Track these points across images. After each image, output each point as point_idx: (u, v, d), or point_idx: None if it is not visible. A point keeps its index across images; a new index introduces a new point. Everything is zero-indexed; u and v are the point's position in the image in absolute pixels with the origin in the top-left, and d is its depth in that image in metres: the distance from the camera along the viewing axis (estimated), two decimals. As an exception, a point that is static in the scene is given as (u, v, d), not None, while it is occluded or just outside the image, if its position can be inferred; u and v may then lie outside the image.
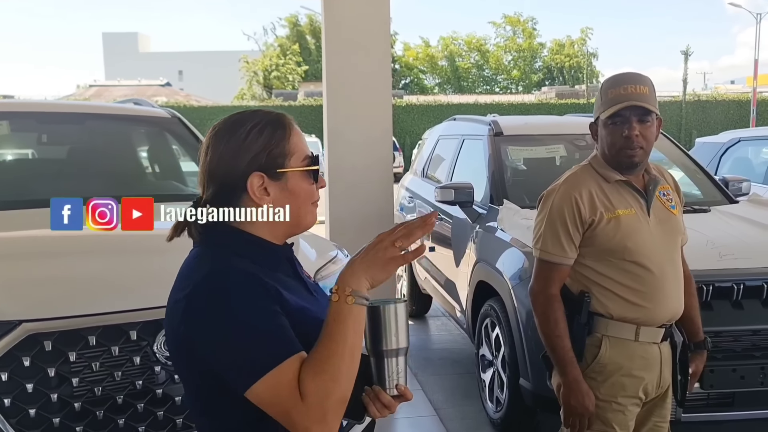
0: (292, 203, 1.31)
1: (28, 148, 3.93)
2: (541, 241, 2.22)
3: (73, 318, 2.18)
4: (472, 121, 5.46)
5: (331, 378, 1.15)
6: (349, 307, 1.18)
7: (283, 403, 1.15)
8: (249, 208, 1.30)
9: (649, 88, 2.13)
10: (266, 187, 1.29)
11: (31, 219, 2.93)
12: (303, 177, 1.32)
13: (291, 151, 1.31)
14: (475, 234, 4.28)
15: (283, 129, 1.32)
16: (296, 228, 1.34)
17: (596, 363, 2.18)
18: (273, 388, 1.15)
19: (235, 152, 1.29)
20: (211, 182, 1.31)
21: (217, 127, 1.34)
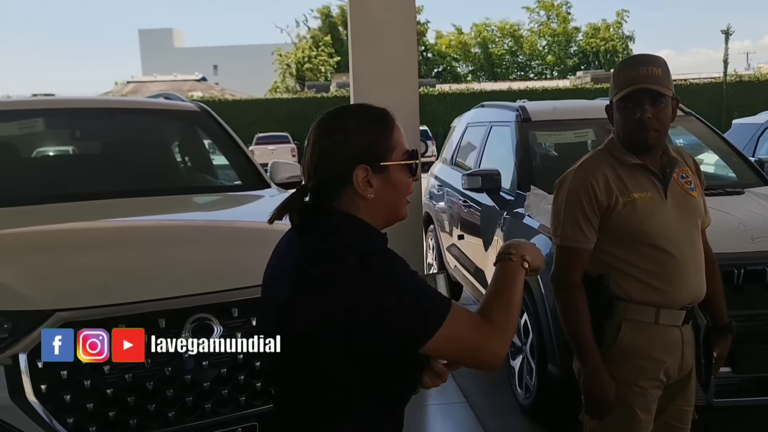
0: (392, 195, 1.39)
1: (62, 144, 4.04)
2: (561, 227, 2.21)
3: (104, 307, 2.24)
4: (499, 107, 5.43)
5: (514, 317, 1.35)
6: (522, 270, 1.42)
7: (471, 334, 1.30)
8: (351, 197, 1.37)
9: (662, 69, 2.10)
10: (369, 179, 1.36)
11: (65, 212, 3.02)
12: (403, 170, 1.40)
13: (393, 146, 1.38)
14: (502, 221, 4.28)
15: (386, 124, 1.40)
16: (392, 219, 1.43)
17: (615, 346, 2.17)
18: (453, 331, 1.27)
19: (342, 145, 1.36)
20: (317, 173, 1.38)
21: (324, 121, 1.41)
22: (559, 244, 2.23)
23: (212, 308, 2.37)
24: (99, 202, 3.16)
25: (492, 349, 1.31)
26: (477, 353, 1.31)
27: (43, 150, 3.91)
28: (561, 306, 2.22)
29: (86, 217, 3.04)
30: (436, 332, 1.27)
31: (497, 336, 1.32)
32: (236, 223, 3.25)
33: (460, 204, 5.28)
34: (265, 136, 26.35)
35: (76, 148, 4.07)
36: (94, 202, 3.16)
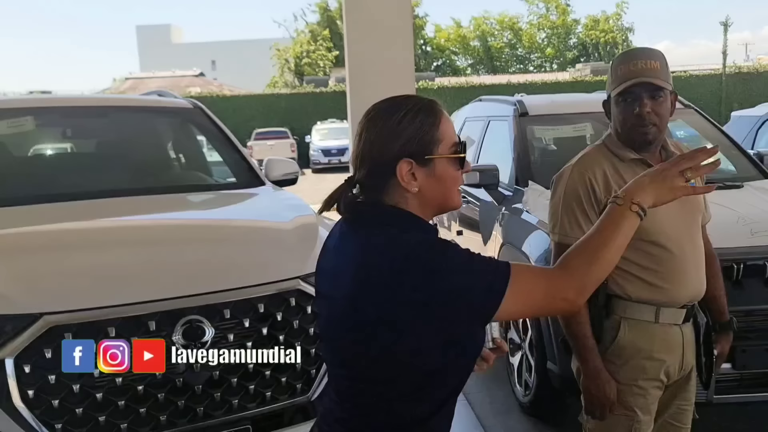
0: (439, 188, 1.36)
1: (53, 143, 4.00)
2: (559, 224, 2.16)
3: (93, 310, 2.20)
4: (497, 101, 5.39)
5: (597, 261, 1.31)
6: (630, 214, 1.37)
7: (539, 287, 1.28)
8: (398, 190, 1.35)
9: (661, 62, 2.06)
10: (414, 172, 1.34)
11: (54, 212, 2.98)
12: (450, 163, 1.36)
13: (440, 138, 1.36)
14: (501, 216, 4.24)
15: (434, 116, 1.37)
16: (442, 210, 1.41)
17: (615, 346, 2.13)
18: (522, 286, 1.26)
19: (387, 137, 1.34)
20: (363, 165, 1.36)
21: (372, 112, 1.39)
22: (557, 241, 2.18)
23: (204, 310, 2.33)
24: (90, 202, 3.12)
25: (565, 295, 1.29)
26: (551, 302, 1.30)
27: (34, 149, 3.86)
28: None
29: (76, 218, 3.00)
30: (503, 298, 1.25)
31: (569, 279, 1.30)
32: (229, 222, 3.20)
33: (458, 199, 5.24)
34: (264, 131, 26.30)
35: (68, 146, 4.03)
36: (85, 202, 3.12)
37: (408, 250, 1.26)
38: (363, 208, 1.38)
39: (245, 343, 2.41)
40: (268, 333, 2.45)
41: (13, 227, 2.89)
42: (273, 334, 2.46)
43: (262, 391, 2.45)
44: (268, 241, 2.88)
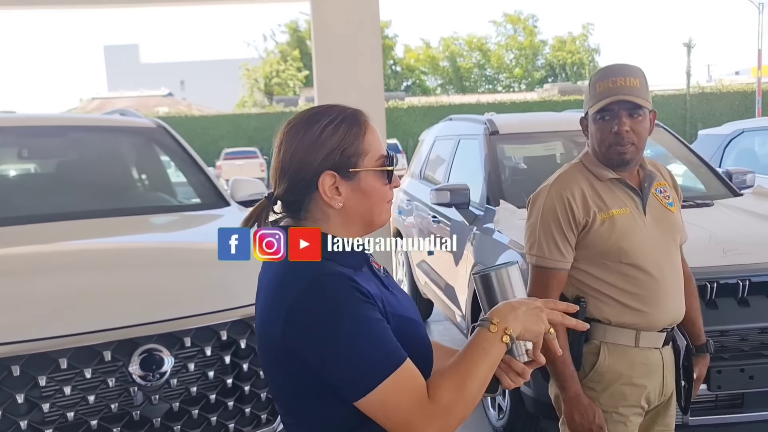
0: (365, 203, 1.28)
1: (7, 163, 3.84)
2: (536, 246, 2.09)
3: (42, 340, 2.08)
4: (468, 120, 5.35)
5: (464, 396, 1.17)
6: (500, 344, 1.21)
7: (402, 409, 1.15)
8: (320, 206, 1.26)
9: (640, 80, 2.01)
10: (338, 186, 1.25)
11: (7, 237, 2.84)
12: (377, 177, 1.28)
13: (365, 150, 1.27)
14: (472, 236, 4.17)
15: (358, 126, 1.28)
16: (370, 227, 1.31)
17: (594, 372, 2.06)
18: (389, 397, 1.14)
19: (308, 149, 1.25)
20: (283, 179, 1.27)
21: (292, 123, 1.30)
22: (534, 264, 2.11)
23: (162, 338, 2.22)
24: (44, 225, 2.98)
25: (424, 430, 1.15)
26: (408, 428, 1.15)
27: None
28: None
29: (29, 242, 2.86)
30: (368, 392, 1.14)
31: (437, 419, 1.15)
32: (192, 245, 3.08)
33: (429, 219, 5.18)
34: (234, 151, 26.10)
35: (24, 167, 3.88)
36: (39, 225, 2.98)
37: (294, 297, 1.18)
38: None
39: (207, 372, 2.30)
40: (231, 361, 2.34)
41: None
42: (236, 363, 2.35)
43: (224, 423, 2.33)
44: (231, 265, 2.77)
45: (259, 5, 8.95)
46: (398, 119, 28.80)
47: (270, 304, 1.23)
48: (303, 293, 1.17)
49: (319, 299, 1.17)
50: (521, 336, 1.23)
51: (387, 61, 43.55)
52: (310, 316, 1.16)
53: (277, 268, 1.25)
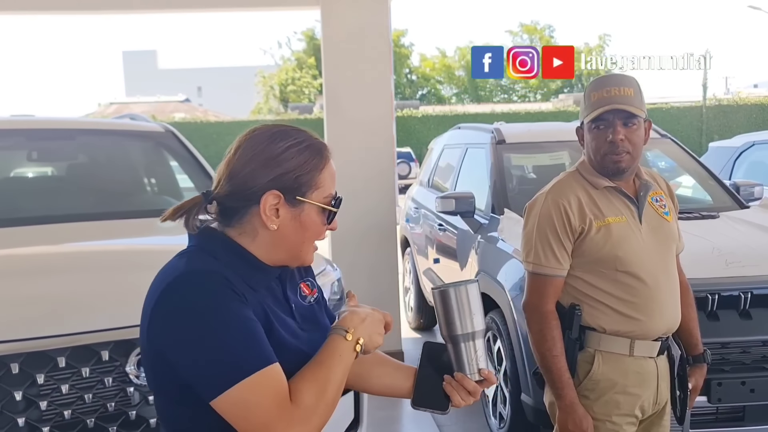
0: (298, 235, 1.26)
1: (16, 165, 3.90)
2: (533, 253, 2.11)
3: (40, 339, 2.11)
4: (475, 129, 5.37)
5: (327, 400, 1.16)
6: (353, 352, 1.22)
7: (263, 410, 1.12)
8: (253, 222, 1.24)
9: (635, 89, 2.03)
10: (279, 208, 1.23)
11: (11, 238, 2.89)
12: (319, 213, 1.27)
13: (318, 184, 1.26)
14: (476, 244, 4.18)
15: (320, 158, 1.27)
16: (292, 261, 1.29)
17: (588, 380, 2.07)
18: (250, 396, 1.11)
19: (265, 162, 1.23)
20: (229, 182, 1.24)
21: (257, 131, 1.28)
22: (531, 271, 2.13)
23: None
24: (52, 227, 3.03)
25: None
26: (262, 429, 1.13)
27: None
28: (534, 336, 2.11)
29: (36, 243, 2.91)
30: (227, 389, 1.11)
31: (299, 422, 1.13)
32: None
33: (435, 227, 5.19)
34: (248, 157, 26.16)
35: (33, 169, 3.93)
36: (48, 227, 3.02)
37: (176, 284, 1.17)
38: (204, 230, 1.27)
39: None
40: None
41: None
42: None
43: None
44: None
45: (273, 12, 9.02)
46: (412, 128, 28.78)
47: (143, 307, 1.22)
48: (168, 288, 1.17)
49: (182, 293, 1.16)
50: (365, 347, 1.24)
51: (402, 69, 43.63)
52: (172, 310, 1.15)
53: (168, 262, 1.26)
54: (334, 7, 4.94)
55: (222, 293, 1.16)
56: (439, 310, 1.29)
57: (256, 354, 1.14)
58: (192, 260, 1.22)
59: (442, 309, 1.28)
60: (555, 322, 2.07)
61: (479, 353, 1.29)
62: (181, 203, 1.27)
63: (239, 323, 1.15)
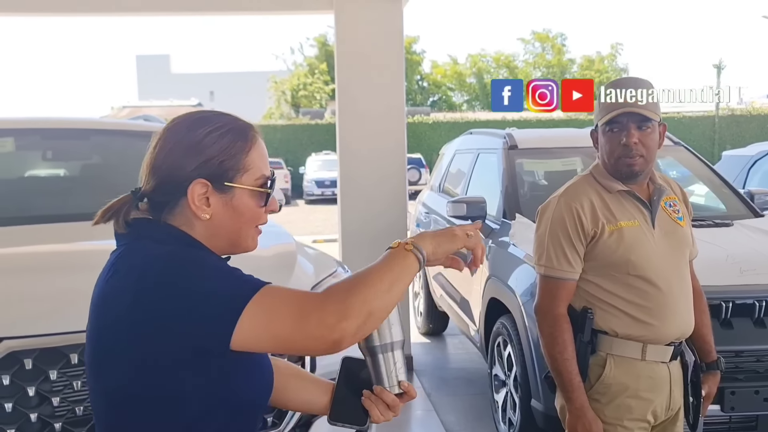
0: (234, 221, 1.22)
1: (32, 165, 3.92)
2: (545, 256, 2.11)
3: (54, 335, 2.11)
4: (487, 134, 5.37)
5: (360, 291, 1.11)
6: (404, 253, 1.16)
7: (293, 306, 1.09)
8: (185, 213, 1.20)
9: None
10: (209, 197, 1.19)
11: (25, 235, 2.90)
12: (252, 196, 1.23)
13: (246, 167, 1.22)
14: (487, 249, 4.17)
15: (244, 140, 1.23)
16: (234, 248, 1.25)
17: (600, 383, 2.06)
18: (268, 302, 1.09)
19: (186, 151, 1.19)
20: (153, 176, 1.21)
21: (176, 121, 1.25)
22: (543, 274, 2.12)
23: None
24: (66, 225, 3.03)
25: (323, 318, 1.07)
26: (305, 326, 1.08)
27: (11, 169, 3.79)
28: (545, 339, 2.10)
29: (46, 241, 2.92)
30: (240, 314, 1.07)
31: (328, 302, 1.09)
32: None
33: (446, 232, 5.18)
34: (259, 162, 26.26)
35: (47, 168, 3.95)
36: (61, 225, 3.03)
37: (160, 259, 1.13)
38: (142, 225, 1.21)
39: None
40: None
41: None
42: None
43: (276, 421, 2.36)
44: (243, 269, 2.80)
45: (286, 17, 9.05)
46: (423, 134, 28.80)
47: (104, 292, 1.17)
48: (151, 263, 1.13)
49: (159, 270, 1.12)
50: (436, 251, 1.20)
51: (414, 76, 43.68)
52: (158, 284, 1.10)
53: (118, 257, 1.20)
54: (348, 12, 4.96)
55: (197, 253, 1.17)
56: None
57: (250, 279, 1.13)
58: (161, 243, 1.17)
59: None
60: (566, 325, 2.06)
61: (398, 365, 1.25)
62: (109, 204, 1.24)
63: (220, 267, 1.15)
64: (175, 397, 1.14)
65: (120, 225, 1.22)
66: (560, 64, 48.48)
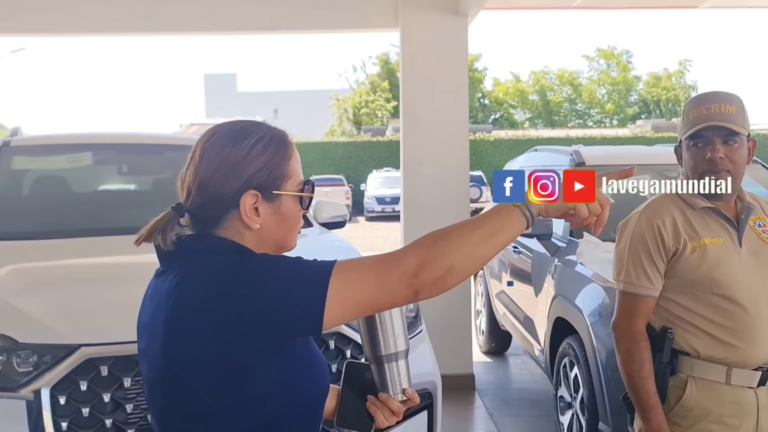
0: (281, 226, 1.25)
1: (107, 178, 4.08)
2: (624, 272, 2.04)
3: (129, 344, 2.17)
4: (553, 151, 5.30)
5: (449, 238, 1.13)
6: (509, 208, 1.18)
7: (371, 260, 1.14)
8: (236, 225, 1.22)
9: (737, 107, 1.96)
10: (258, 206, 1.22)
11: (98, 246, 3.00)
12: (295, 201, 1.26)
13: (289, 173, 1.25)
14: (553, 268, 4.10)
15: (285, 148, 1.26)
16: (279, 251, 1.28)
17: (680, 406, 1.98)
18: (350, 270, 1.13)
19: (234, 166, 1.21)
20: (200, 193, 1.22)
21: (215, 135, 1.25)
22: (622, 290, 2.06)
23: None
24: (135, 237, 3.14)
25: (401, 265, 1.11)
26: (386, 278, 1.11)
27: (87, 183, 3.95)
28: (622, 356, 2.04)
29: (121, 252, 3.02)
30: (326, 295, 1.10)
31: (409, 250, 1.13)
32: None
33: (509, 250, 5.12)
34: (321, 178, 26.64)
35: (121, 182, 4.10)
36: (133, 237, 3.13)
37: (237, 262, 1.16)
38: (194, 241, 1.22)
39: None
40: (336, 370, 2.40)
41: (57, 259, 2.93)
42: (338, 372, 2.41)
43: None
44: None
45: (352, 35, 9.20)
46: (484, 152, 28.66)
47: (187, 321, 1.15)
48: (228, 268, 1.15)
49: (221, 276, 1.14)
50: (547, 211, 1.20)
51: (475, 94, 43.57)
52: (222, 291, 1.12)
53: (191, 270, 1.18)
54: (413, 29, 4.99)
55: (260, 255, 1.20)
56: (364, 331, 1.31)
57: (320, 263, 1.15)
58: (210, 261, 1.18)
59: (366, 330, 1.31)
60: (644, 343, 1.99)
61: (402, 373, 1.31)
62: (153, 222, 1.25)
63: (289, 258, 1.18)
64: (251, 403, 1.15)
65: (167, 242, 1.23)
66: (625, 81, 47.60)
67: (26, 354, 2.17)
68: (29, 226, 3.31)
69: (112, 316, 2.34)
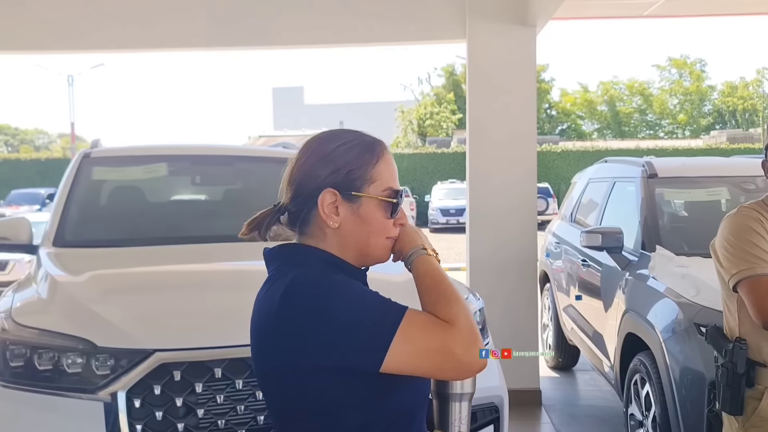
0: (361, 230, 1.27)
1: (181, 189, 4.20)
2: (736, 263, 1.95)
3: (201, 350, 2.24)
4: (624, 162, 5.17)
5: (462, 312, 1.17)
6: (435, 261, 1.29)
7: (433, 339, 1.14)
8: (318, 222, 1.27)
9: None
10: (338, 206, 1.26)
11: (172, 254, 3.10)
12: (379, 206, 1.28)
13: (373, 178, 1.28)
14: (624, 282, 4.00)
15: (371, 154, 1.30)
16: (364, 258, 1.30)
17: (756, 416, 1.93)
18: (413, 341, 1.13)
19: (317, 162, 1.28)
20: (290, 187, 1.30)
21: (311, 138, 1.34)
22: (745, 279, 1.93)
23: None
24: (209, 246, 3.22)
25: (453, 349, 1.14)
26: (444, 358, 1.14)
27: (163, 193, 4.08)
28: None
29: (194, 260, 3.11)
30: (387, 348, 1.13)
31: (458, 335, 1.15)
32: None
33: (578, 263, 5.02)
34: (385, 190, 26.72)
35: (194, 192, 4.22)
36: (205, 246, 3.22)
37: (287, 290, 1.18)
38: (280, 249, 1.30)
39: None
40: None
41: (133, 267, 3.04)
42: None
43: None
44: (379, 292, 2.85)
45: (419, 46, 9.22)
46: (551, 163, 28.25)
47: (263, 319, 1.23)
48: (286, 296, 1.18)
49: (302, 293, 1.17)
50: None
51: (542, 104, 43.05)
52: (302, 311, 1.16)
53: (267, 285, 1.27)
54: (481, 40, 4.97)
55: (338, 278, 1.21)
56: None
57: (389, 309, 1.16)
58: (293, 272, 1.23)
59: None
60: None
61: (463, 415, 1.30)
62: (254, 216, 1.33)
63: (364, 293, 1.20)
64: (334, 413, 1.19)
65: (262, 235, 1.32)
66: (699, 91, 46.19)
67: (104, 357, 2.25)
68: (107, 234, 3.44)
69: (186, 322, 2.41)
